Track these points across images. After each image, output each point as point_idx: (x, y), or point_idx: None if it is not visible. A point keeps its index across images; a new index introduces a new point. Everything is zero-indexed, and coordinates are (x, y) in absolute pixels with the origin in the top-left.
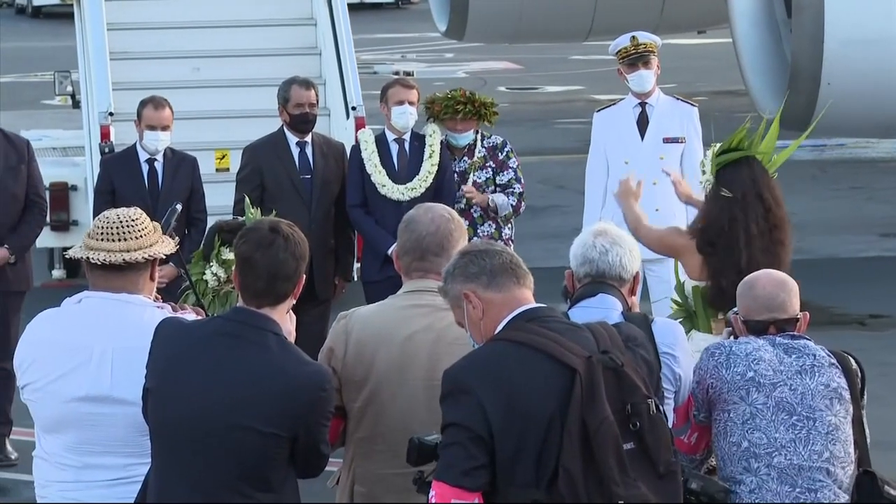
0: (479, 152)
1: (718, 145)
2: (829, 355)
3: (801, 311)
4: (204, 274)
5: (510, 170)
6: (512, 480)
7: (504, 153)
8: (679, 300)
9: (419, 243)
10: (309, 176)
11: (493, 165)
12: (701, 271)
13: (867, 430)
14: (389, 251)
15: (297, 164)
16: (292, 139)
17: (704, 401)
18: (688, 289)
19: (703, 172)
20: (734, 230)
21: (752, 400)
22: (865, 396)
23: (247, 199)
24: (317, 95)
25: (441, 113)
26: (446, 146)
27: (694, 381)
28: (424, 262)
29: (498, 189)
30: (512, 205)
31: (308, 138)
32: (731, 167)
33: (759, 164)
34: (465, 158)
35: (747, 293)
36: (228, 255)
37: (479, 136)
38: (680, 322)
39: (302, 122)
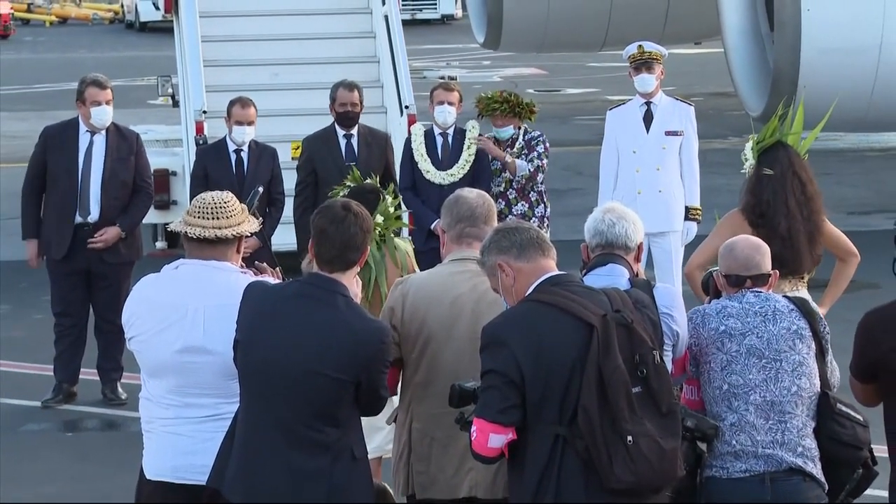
0: (519, 144)
1: (755, 136)
2: (789, 303)
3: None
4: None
5: (535, 152)
6: (539, 418)
7: (536, 141)
8: None
9: (472, 212)
10: (354, 163)
11: (528, 153)
12: None
13: (831, 362)
14: (432, 226)
15: (343, 152)
16: (340, 132)
17: (693, 358)
18: None
19: (745, 160)
20: (777, 203)
21: (728, 349)
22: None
23: (354, 168)
24: (360, 96)
25: (484, 110)
26: (493, 138)
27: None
28: (475, 228)
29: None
30: (529, 170)
31: (354, 130)
32: (770, 151)
33: (791, 148)
34: (508, 149)
35: (728, 255)
36: (389, 209)
37: (521, 132)
38: None
39: (344, 118)
